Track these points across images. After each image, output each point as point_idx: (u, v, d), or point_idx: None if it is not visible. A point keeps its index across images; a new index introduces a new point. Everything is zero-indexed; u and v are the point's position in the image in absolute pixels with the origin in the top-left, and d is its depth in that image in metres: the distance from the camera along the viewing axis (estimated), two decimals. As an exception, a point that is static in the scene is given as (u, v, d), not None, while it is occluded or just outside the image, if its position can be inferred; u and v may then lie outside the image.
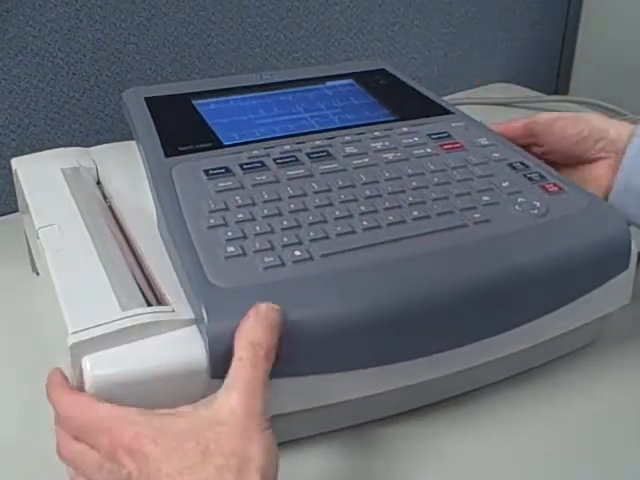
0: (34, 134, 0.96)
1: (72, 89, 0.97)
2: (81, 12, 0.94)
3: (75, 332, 0.53)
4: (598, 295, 0.65)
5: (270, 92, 0.81)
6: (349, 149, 0.70)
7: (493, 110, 1.24)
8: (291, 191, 0.64)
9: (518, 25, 1.39)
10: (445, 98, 1.21)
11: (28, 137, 0.95)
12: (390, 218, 0.62)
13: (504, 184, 0.67)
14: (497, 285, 0.59)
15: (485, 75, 1.38)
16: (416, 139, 0.73)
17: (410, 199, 0.64)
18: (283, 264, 0.57)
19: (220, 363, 0.53)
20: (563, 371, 0.69)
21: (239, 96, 0.80)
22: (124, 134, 0.76)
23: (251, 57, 1.10)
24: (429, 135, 0.74)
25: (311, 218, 0.62)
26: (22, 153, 0.78)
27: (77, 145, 0.80)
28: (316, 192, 0.64)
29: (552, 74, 1.50)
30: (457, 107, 0.82)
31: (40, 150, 0.79)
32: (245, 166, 0.67)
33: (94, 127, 1.00)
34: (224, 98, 0.79)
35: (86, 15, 0.94)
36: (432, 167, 0.69)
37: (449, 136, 0.74)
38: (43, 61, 0.93)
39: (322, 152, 0.69)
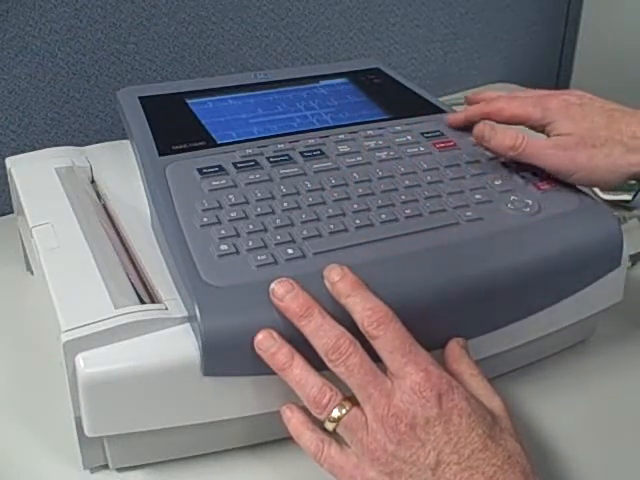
0: (34, 134, 0.96)
1: (72, 89, 0.97)
2: (81, 12, 0.94)
3: (68, 330, 0.54)
4: (590, 293, 0.65)
5: (264, 91, 0.81)
6: (342, 148, 0.70)
7: (493, 110, 1.24)
8: (284, 189, 0.64)
9: (518, 25, 1.39)
10: (445, 98, 1.22)
11: (28, 137, 0.96)
12: (383, 216, 0.62)
13: (496, 182, 0.68)
14: (488, 283, 0.60)
15: (485, 75, 1.38)
16: (409, 138, 0.73)
17: (403, 197, 0.65)
18: (276, 262, 0.58)
19: (213, 361, 0.54)
20: (556, 369, 0.70)
21: (233, 95, 0.80)
22: (124, 134, 0.76)
23: (251, 57, 1.10)
24: (422, 134, 0.74)
25: (304, 216, 0.62)
26: (22, 153, 0.78)
27: (77, 145, 0.80)
28: (309, 190, 0.65)
29: (552, 74, 1.50)
30: (457, 107, 0.82)
31: (40, 150, 0.80)
32: (238, 165, 0.67)
33: (94, 127, 1.01)
34: (218, 97, 0.79)
35: (86, 15, 0.95)
36: (425, 165, 0.69)
37: (442, 135, 0.74)
38: (43, 61, 0.94)
39: (315, 151, 0.69)
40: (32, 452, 0.61)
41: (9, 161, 0.76)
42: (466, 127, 0.76)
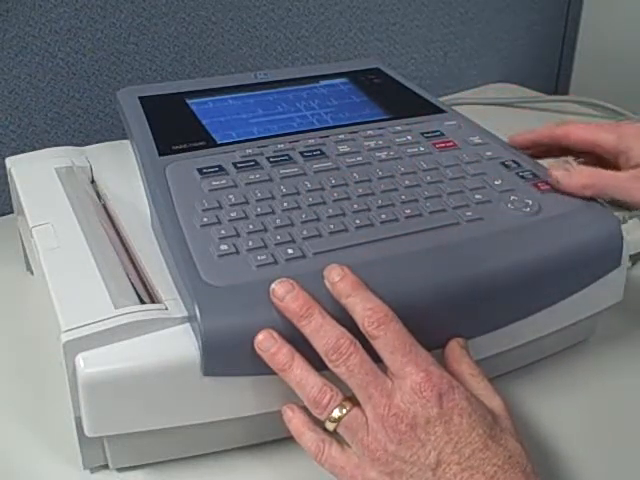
0: (34, 134, 0.96)
1: (72, 89, 0.97)
2: (81, 12, 0.94)
3: (68, 330, 0.53)
4: (590, 292, 0.65)
5: (264, 91, 0.81)
6: (342, 148, 0.70)
7: (493, 110, 1.24)
8: (284, 189, 0.64)
9: (518, 25, 1.39)
10: (445, 98, 1.23)
11: (28, 137, 0.96)
12: (383, 216, 0.62)
13: (496, 182, 0.68)
14: (489, 283, 0.59)
15: (485, 75, 1.38)
16: (409, 138, 0.73)
17: (403, 197, 0.65)
18: (276, 262, 0.58)
19: (213, 361, 0.54)
20: (556, 369, 0.70)
21: (233, 95, 0.80)
22: (124, 134, 0.77)
23: (251, 57, 1.10)
24: (422, 134, 0.74)
25: (304, 216, 0.62)
26: (22, 153, 0.78)
27: (77, 145, 0.80)
28: (309, 190, 0.65)
29: (552, 74, 1.50)
30: (457, 107, 0.82)
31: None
32: (238, 165, 0.67)
33: (94, 127, 1.01)
34: (218, 97, 0.79)
35: (86, 15, 0.95)
36: (425, 165, 0.69)
37: (442, 135, 0.74)
38: (43, 61, 0.94)
39: (316, 151, 0.69)
40: (32, 452, 0.61)
41: (9, 161, 0.76)
42: (466, 127, 0.76)
